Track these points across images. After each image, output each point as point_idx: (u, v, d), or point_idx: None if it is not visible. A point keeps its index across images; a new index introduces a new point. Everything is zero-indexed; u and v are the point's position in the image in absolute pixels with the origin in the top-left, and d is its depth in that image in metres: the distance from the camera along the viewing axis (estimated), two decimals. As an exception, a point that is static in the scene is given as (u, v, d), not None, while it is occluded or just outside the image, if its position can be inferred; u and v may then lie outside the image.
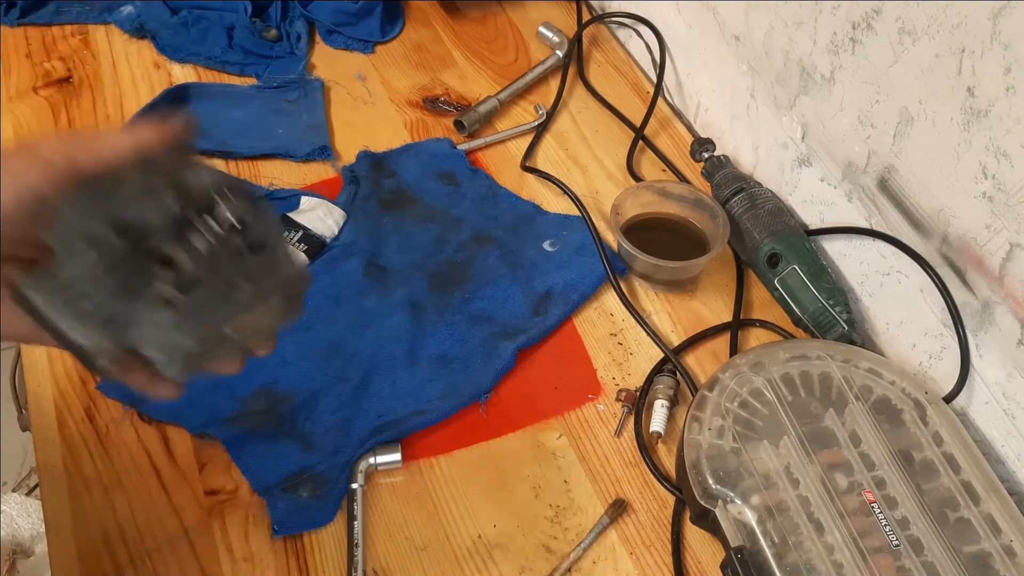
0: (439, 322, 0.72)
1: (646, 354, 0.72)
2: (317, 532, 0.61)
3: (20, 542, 1.12)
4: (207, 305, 0.43)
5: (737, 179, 0.78)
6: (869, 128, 0.66)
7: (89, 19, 0.99)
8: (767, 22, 0.74)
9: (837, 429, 0.60)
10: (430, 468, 0.65)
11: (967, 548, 0.54)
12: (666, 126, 0.92)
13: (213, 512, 0.61)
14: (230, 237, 0.44)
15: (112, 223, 0.41)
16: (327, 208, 0.79)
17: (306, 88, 0.92)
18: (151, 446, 0.64)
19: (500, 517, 0.62)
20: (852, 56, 0.65)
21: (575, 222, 0.80)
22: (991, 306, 0.59)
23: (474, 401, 0.67)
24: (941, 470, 0.58)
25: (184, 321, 0.42)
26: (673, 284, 0.76)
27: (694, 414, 0.61)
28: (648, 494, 0.64)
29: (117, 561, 0.59)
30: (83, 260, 0.41)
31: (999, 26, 0.52)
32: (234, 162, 0.85)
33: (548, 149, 0.88)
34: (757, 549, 0.54)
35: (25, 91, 0.91)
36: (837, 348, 0.65)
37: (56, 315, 0.41)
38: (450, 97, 0.93)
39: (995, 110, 0.54)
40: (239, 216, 0.44)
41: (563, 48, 0.96)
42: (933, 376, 0.67)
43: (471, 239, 0.78)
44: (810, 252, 0.73)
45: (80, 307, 0.41)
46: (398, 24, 1.01)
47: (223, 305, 0.44)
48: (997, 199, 0.56)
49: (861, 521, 0.55)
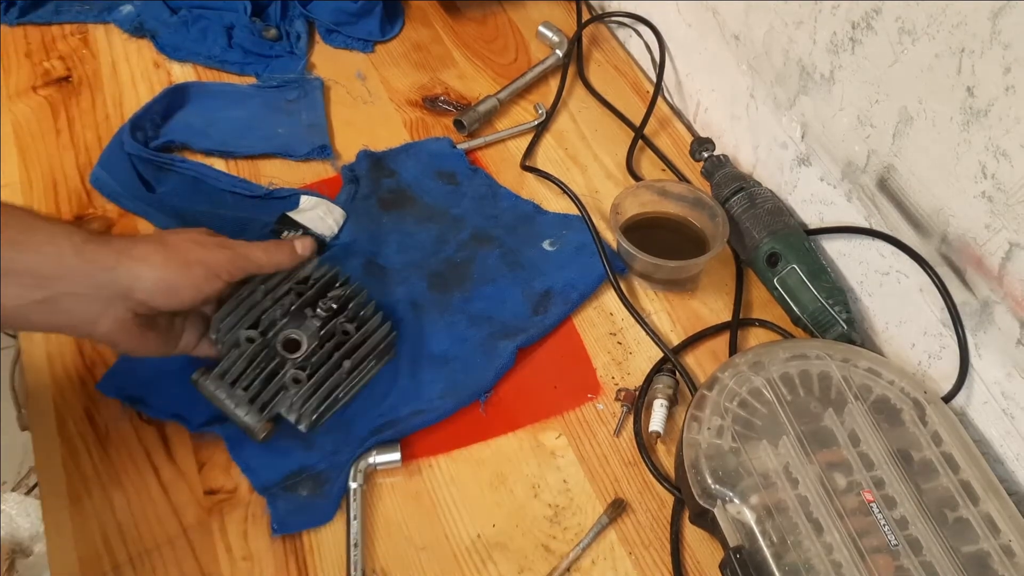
0: (439, 321, 0.72)
1: (645, 354, 0.72)
2: (316, 531, 0.61)
3: (19, 542, 1.12)
4: (327, 383, 0.63)
5: (737, 178, 0.78)
6: (869, 128, 0.66)
7: (89, 18, 0.99)
8: (767, 22, 0.74)
9: (836, 429, 0.60)
10: (429, 468, 0.65)
11: (966, 548, 0.54)
12: (666, 126, 0.92)
13: (212, 512, 0.61)
14: (335, 321, 0.65)
15: (250, 325, 0.63)
16: (327, 207, 0.79)
17: (306, 87, 0.92)
18: (150, 446, 0.64)
19: (499, 517, 0.62)
20: (852, 56, 0.65)
21: (575, 221, 0.80)
22: (990, 306, 0.59)
23: (474, 400, 0.67)
24: (940, 470, 0.58)
25: (310, 393, 0.63)
26: (673, 284, 0.76)
27: (693, 414, 0.61)
28: (647, 494, 0.64)
29: (116, 560, 0.59)
30: (233, 358, 0.62)
31: (999, 26, 0.52)
32: (234, 161, 0.85)
33: (548, 149, 0.88)
34: (756, 549, 0.54)
35: (25, 90, 0.91)
36: (836, 348, 0.65)
37: (224, 397, 0.61)
38: (450, 96, 0.93)
39: (995, 110, 0.54)
40: (338, 302, 0.66)
41: (563, 48, 0.96)
42: (932, 376, 0.67)
43: (471, 238, 0.78)
44: (809, 252, 0.73)
45: (238, 392, 0.61)
46: (398, 23, 1.01)
47: (335, 374, 0.64)
48: (997, 199, 0.56)
49: (860, 521, 0.55)
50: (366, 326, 0.66)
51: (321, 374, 0.63)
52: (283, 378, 0.63)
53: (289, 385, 0.63)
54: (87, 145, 0.86)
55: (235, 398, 0.62)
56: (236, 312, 0.63)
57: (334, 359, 0.64)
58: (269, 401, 0.62)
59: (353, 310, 0.67)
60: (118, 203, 0.80)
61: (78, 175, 0.83)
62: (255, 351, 0.62)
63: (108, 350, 0.69)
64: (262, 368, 0.62)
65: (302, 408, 0.63)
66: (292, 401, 0.62)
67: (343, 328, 0.65)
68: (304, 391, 0.62)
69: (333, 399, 0.64)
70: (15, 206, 0.54)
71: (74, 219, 0.79)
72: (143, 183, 0.81)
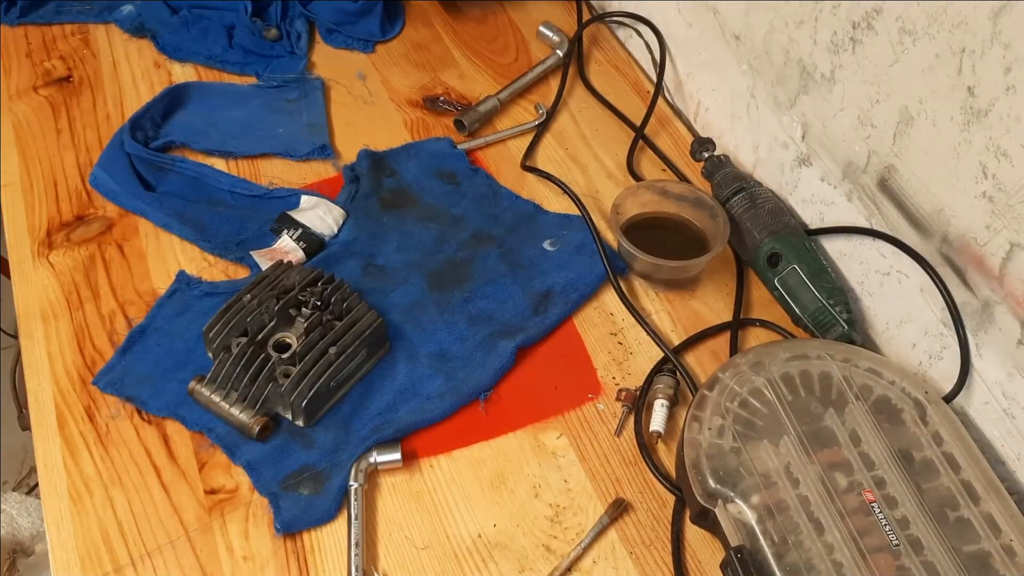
0: (439, 321, 0.72)
1: (646, 354, 0.72)
2: (317, 531, 0.61)
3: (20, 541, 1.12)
4: (313, 370, 0.64)
5: (737, 178, 0.78)
6: (869, 128, 0.66)
7: (89, 18, 0.99)
8: (767, 21, 0.74)
9: (837, 429, 0.60)
10: (430, 467, 0.65)
11: (967, 547, 0.54)
12: (666, 125, 0.92)
13: (213, 511, 0.61)
14: (320, 315, 0.66)
15: (240, 333, 0.65)
16: (327, 207, 0.79)
17: (306, 87, 0.92)
18: (151, 445, 0.64)
19: (500, 516, 0.62)
20: (852, 56, 0.65)
21: (575, 221, 0.80)
22: (991, 306, 0.59)
23: (474, 400, 0.67)
24: (941, 470, 0.58)
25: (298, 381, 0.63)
26: (673, 284, 0.76)
27: (694, 413, 0.61)
28: (648, 493, 0.64)
29: (117, 560, 0.59)
30: (224, 361, 0.63)
31: (999, 26, 0.52)
32: (234, 161, 0.85)
33: (548, 148, 0.88)
34: (757, 548, 0.54)
35: (25, 90, 0.91)
36: (837, 348, 0.65)
37: (218, 400, 0.64)
38: (450, 96, 0.93)
39: (995, 110, 0.54)
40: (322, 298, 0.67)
41: (563, 48, 0.96)
42: (933, 376, 0.67)
43: (471, 238, 0.78)
44: (810, 252, 0.73)
45: (231, 394, 0.63)
46: (398, 23, 1.01)
47: (324, 366, 0.64)
48: (997, 199, 0.56)
49: (861, 520, 0.55)
50: (351, 315, 0.67)
51: (307, 362, 0.64)
52: (273, 373, 0.64)
53: (280, 379, 0.64)
54: (87, 145, 0.86)
55: (228, 399, 0.63)
56: (224, 321, 0.65)
57: (319, 347, 0.65)
58: (260, 397, 0.63)
59: (337, 303, 0.67)
60: (118, 203, 0.80)
61: (78, 175, 0.83)
62: (244, 353, 0.64)
63: (108, 349, 0.69)
64: (252, 369, 0.64)
65: (292, 398, 0.63)
66: (282, 393, 0.63)
67: (329, 322, 0.66)
68: (292, 380, 0.63)
69: (323, 387, 0.64)
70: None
71: (74, 219, 0.79)
72: (143, 183, 0.81)
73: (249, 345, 0.64)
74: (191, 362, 0.68)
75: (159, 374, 0.68)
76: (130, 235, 0.78)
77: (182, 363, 0.68)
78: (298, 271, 0.69)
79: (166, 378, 0.67)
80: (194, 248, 0.77)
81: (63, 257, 0.76)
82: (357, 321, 0.67)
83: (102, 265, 0.76)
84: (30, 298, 0.74)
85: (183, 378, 0.66)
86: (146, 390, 0.67)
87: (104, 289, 0.74)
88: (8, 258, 0.77)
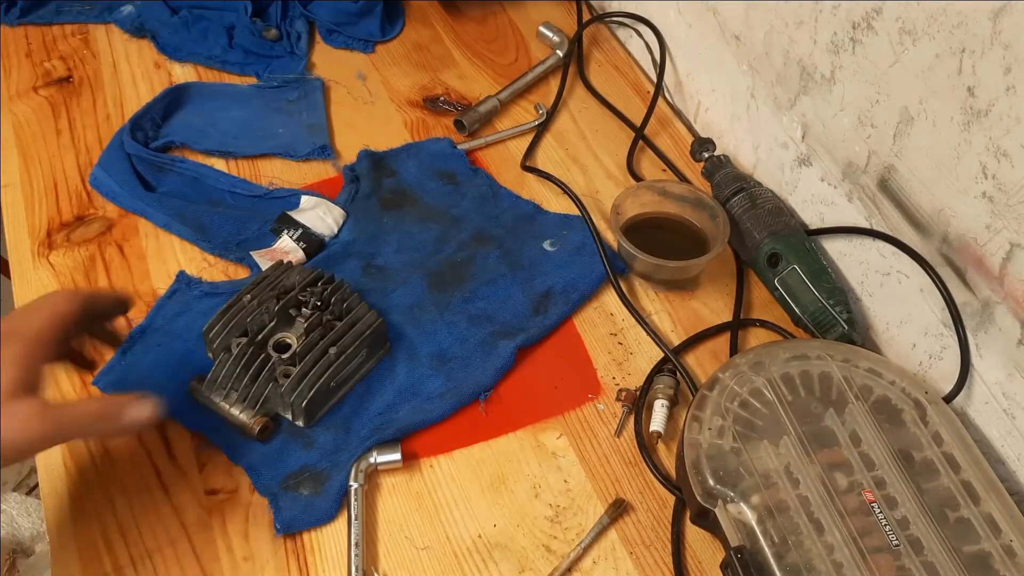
0: (439, 321, 0.72)
1: (646, 354, 0.72)
2: (317, 531, 0.61)
3: (20, 541, 1.12)
4: (313, 370, 0.63)
5: (737, 179, 0.78)
6: (869, 128, 0.66)
7: (89, 18, 0.99)
8: (767, 22, 0.74)
9: (837, 429, 0.60)
10: (430, 467, 0.65)
11: (967, 548, 0.54)
12: (666, 126, 0.92)
13: (213, 512, 0.61)
14: (320, 315, 0.66)
15: (240, 333, 0.65)
16: (327, 207, 0.79)
17: (306, 87, 0.92)
18: (151, 446, 0.64)
19: (500, 517, 0.62)
20: (852, 56, 0.65)
21: (575, 222, 0.80)
22: (991, 306, 0.59)
23: (474, 400, 0.67)
24: (941, 470, 0.58)
25: (298, 381, 0.63)
26: (673, 284, 0.76)
27: (694, 414, 0.61)
28: (648, 494, 0.64)
29: (117, 561, 0.59)
30: (224, 362, 0.63)
31: (999, 26, 0.52)
32: (234, 161, 0.85)
33: (548, 149, 0.88)
34: (757, 549, 0.54)
35: (25, 90, 0.91)
36: (837, 348, 0.65)
37: (218, 400, 0.64)
38: (450, 97, 0.93)
39: (995, 110, 0.54)
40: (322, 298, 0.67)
41: (563, 48, 0.96)
42: (933, 376, 0.67)
43: (471, 238, 0.78)
44: (810, 252, 0.73)
45: (231, 395, 0.63)
46: (398, 23, 1.01)
47: (324, 367, 0.64)
48: (997, 199, 0.56)
49: (861, 521, 0.55)
50: (351, 315, 0.67)
51: (307, 362, 0.64)
52: (273, 374, 0.64)
53: (280, 380, 0.64)
54: (87, 145, 0.86)
55: (228, 400, 0.63)
56: (224, 321, 0.65)
57: (319, 347, 0.65)
58: (260, 397, 0.63)
59: (337, 303, 0.67)
60: (118, 203, 0.80)
61: (78, 175, 0.83)
62: (244, 354, 0.64)
63: (108, 349, 0.69)
64: (252, 369, 0.64)
65: (292, 398, 0.63)
66: (282, 394, 0.63)
67: (329, 323, 0.66)
68: (292, 381, 0.63)
69: (323, 387, 0.64)
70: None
71: (74, 219, 0.79)
72: (143, 183, 0.81)
73: (249, 345, 0.64)
74: (191, 362, 0.68)
75: (159, 374, 0.68)
76: (130, 235, 0.78)
77: (182, 363, 0.68)
78: (298, 271, 0.69)
79: (166, 378, 0.67)
80: (194, 248, 0.77)
81: (63, 257, 0.76)
82: (357, 321, 0.67)
83: (102, 265, 0.76)
84: (30, 298, 0.73)
85: (183, 378, 0.66)
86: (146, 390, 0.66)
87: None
88: (8, 258, 0.77)
